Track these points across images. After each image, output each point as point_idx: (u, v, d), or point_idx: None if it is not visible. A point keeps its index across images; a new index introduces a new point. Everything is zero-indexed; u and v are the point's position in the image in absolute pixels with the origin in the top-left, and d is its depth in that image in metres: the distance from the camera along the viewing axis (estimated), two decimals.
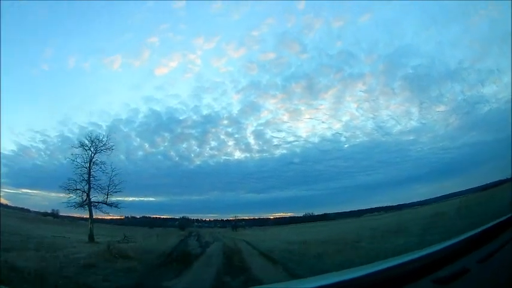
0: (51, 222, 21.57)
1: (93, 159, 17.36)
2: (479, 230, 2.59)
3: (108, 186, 17.35)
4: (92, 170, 17.05)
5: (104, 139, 17.87)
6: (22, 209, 27.86)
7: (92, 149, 17.58)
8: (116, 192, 17.17)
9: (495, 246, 2.24)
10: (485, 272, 1.89)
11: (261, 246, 14.68)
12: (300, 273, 7.67)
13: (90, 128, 37.39)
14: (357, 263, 5.24)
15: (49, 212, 27.86)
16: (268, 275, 8.12)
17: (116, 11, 52.87)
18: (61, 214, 28.48)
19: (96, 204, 16.91)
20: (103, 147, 17.77)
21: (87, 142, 17.43)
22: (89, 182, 16.76)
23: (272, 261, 9.98)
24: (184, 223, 32.01)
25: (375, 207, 32.14)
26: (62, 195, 16.03)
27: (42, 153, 38.38)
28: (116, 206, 17.32)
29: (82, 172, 16.54)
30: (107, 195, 17.20)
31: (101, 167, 17.36)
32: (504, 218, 2.85)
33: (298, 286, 2.22)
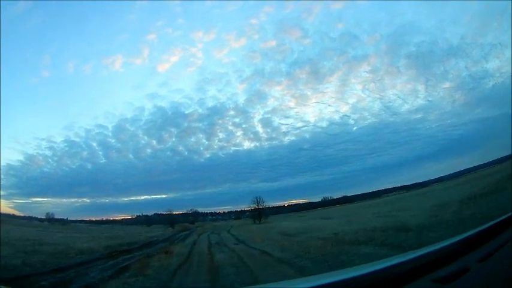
0: None
1: None
2: (479, 229, 2.60)
3: None
4: None
5: None
6: (30, 217, 27.33)
7: None
8: None
9: (495, 246, 2.24)
10: (485, 271, 1.89)
11: None
12: None
13: (97, 130, 36.80)
14: None
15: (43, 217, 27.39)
16: None
17: (111, 12, 52.27)
18: (70, 219, 28.04)
19: None
20: None
21: None
22: None
23: None
24: (173, 218, 30.84)
25: (392, 188, 31.56)
26: (73, 200, 14.72)
27: (50, 159, 37.47)
28: None
29: None
30: None
31: None
32: (504, 217, 2.85)
33: (298, 286, 2.21)
